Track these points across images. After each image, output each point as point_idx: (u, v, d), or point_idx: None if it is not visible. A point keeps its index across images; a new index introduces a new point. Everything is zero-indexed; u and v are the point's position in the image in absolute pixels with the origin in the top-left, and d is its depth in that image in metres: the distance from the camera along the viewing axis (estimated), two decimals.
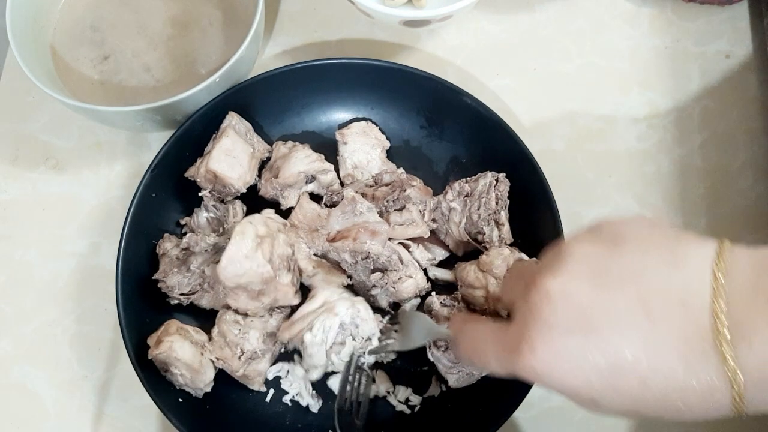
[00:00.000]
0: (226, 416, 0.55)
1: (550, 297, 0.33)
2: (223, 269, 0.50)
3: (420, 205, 0.56)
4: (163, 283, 0.55)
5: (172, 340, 0.52)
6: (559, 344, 0.32)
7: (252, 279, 0.51)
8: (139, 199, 0.55)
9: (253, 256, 0.50)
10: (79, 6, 0.63)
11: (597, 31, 0.66)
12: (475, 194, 0.56)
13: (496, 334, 0.37)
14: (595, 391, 0.32)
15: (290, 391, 0.56)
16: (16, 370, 0.59)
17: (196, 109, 0.57)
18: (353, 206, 0.54)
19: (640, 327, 0.31)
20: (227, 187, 0.56)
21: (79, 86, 0.61)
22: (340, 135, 0.60)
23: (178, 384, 0.53)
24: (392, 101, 0.61)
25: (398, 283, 0.54)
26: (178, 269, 0.55)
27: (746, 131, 0.63)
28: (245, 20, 0.58)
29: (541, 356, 0.33)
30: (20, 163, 0.64)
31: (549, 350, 0.33)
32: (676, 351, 0.30)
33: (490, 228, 0.55)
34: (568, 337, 0.32)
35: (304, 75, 0.59)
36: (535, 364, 0.33)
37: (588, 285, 0.32)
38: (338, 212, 0.55)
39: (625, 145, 0.63)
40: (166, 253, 0.56)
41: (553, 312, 0.33)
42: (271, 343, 0.54)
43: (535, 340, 0.33)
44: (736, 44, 0.65)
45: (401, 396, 0.56)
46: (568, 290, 0.33)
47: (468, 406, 0.54)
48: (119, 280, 0.53)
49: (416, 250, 0.57)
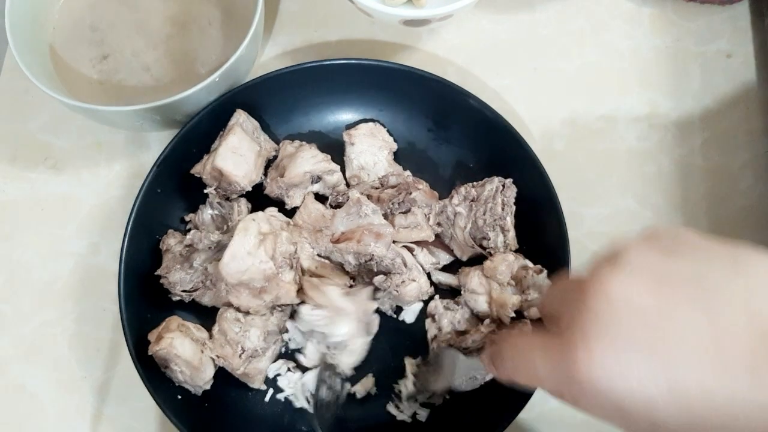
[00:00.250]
0: (224, 415, 0.55)
1: (611, 300, 0.30)
2: (226, 265, 0.50)
3: (425, 209, 0.56)
4: (166, 279, 0.55)
5: (172, 336, 0.51)
6: (621, 353, 0.29)
7: (254, 276, 0.51)
8: (144, 194, 0.55)
9: (255, 253, 0.51)
10: (78, 5, 0.63)
11: (597, 30, 0.66)
12: (481, 199, 0.55)
13: (546, 343, 0.34)
14: (656, 410, 0.29)
15: (286, 389, 0.56)
16: (14, 370, 0.59)
17: (204, 106, 0.57)
18: (358, 208, 0.54)
19: (706, 338, 0.28)
20: (233, 184, 0.56)
21: (78, 86, 0.60)
22: (347, 136, 0.59)
23: (177, 381, 0.53)
24: (400, 103, 0.61)
25: (401, 286, 0.54)
26: (181, 266, 0.55)
27: (747, 131, 0.63)
28: (245, 19, 0.58)
29: (601, 364, 0.30)
30: (19, 163, 0.64)
31: (610, 358, 0.29)
32: (742, 363, 0.28)
33: (495, 234, 0.55)
34: (632, 347, 0.29)
35: (313, 75, 0.59)
36: (593, 373, 0.30)
37: (651, 290, 0.30)
38: (343, 213, 0.54)
39: (626, 144, 0.63)
40: (169, 249, 0.56)
41: (614, 317, 0.30)
42: (272, 341, 0.54)
43: (594, 347, 0.30)
44: (737, 44, 0.65)
45: (408, 411, 0.55)
46: (630, 294, 0.30)
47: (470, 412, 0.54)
48: (121, 275, 0.53)
49: (420, 254, 0.56)
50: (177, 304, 0.56)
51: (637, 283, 0.30)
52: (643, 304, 0.30)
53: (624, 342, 0.29)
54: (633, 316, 0.30)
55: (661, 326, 0.29)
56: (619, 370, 0.29)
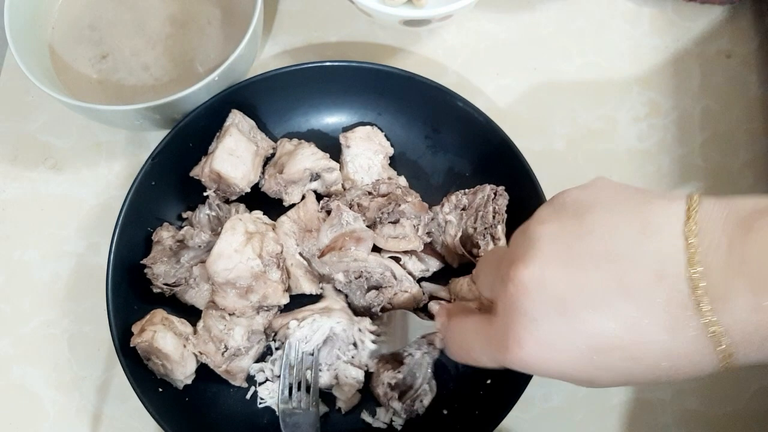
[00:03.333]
0: (204, 410, 0.55)
1: (526, 288, 0.33)
2: (213, 263, 0.51)
3: (414, 220, 0.55)
4: (150, 270, 0.55)
5: (155, 329, 0.52)
6: (542, 334, 0.33)
7: (241, 274, 0.51)
8: (138, 186, 0.55)
9: (243, 251, 0.51)
10: (77, 5, 0.62)
11: (597, 30, 0.66)
12: (473, 207, 0.55)
13: (483, 329, 0.37)
14: (585, 373, 0.33)
15: (267, 400, 0.55)
16: (14, 370, 0.59)
17: (201, 102, 0.56)
18: (339, 217, 0.54)
19: (618, 304, 0.31)
20: (231, 186, 0.56)
21: (78, 85, 0.60)
22: (343, 138, 0.59)
23: (158, 374, 0.53)
24: (400, 108, 0.60)
25: (394, 299, 0.54)
26: (168, 259, 0.55)
27: (747, 131, 0.63)
28: (244, 19, 0.58)
29: (528, 349, 0.33)
30: (19, 162, 0.64)
31: (534, 341, 0.33)
32: (658, 323, 0.30)
33: (485, 242, 0.54)
34: (550, 325, 0.32)
35: (312, 75, 0.59)
36: (524, 357, 0.34)
37: (561, 269, 0.32)
38: (326, 227, 0.55)
39: (626, 144, 0.63)
40: (160, 241, 0.56)
41: (531, 303, 0.33)
42: (255, 340, 0.54)
43: (520, 335, 0.33)
44: (737, 44, 0.65)
45: (385, 418, 0.55)
46: (543, 278, 0.33)
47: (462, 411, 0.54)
48: (110, 265, 0.53)
49: (409, 262, 0.56)
50: (166, 298, 0.56)
51: (548, 265, 0.33)
52: (556, 285, 0.32)
53: (542, 323, 0.33)
54: (548, 298, 0.32)
55: (574, 299, 0.32)
56: (548, 354, 0.33)
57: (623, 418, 0.57)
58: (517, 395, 0.51)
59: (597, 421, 0.57)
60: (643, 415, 0.57)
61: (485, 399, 0.54)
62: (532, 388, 0.51)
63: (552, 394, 0.57)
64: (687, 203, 0.31)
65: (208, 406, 0.55)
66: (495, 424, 0.51)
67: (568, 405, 0.57)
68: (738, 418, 0.57)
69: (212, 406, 0.55)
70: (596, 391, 0.57)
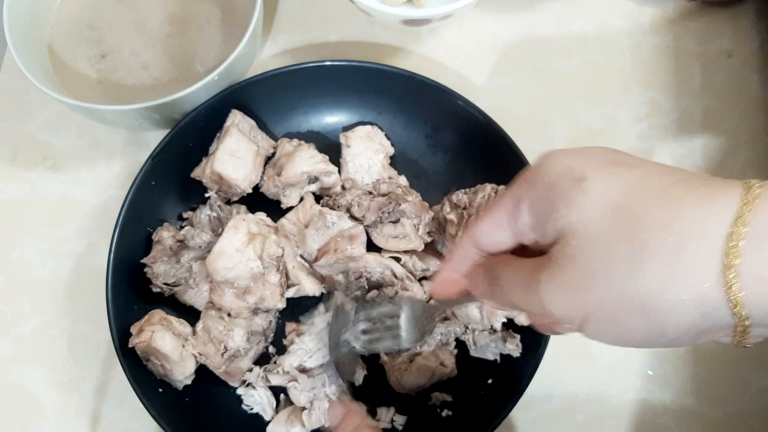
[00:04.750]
0: (204, 411, 0.55)
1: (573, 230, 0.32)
2: (213, 261, 0.51)
3: (415, 219, 0.55)
4: (150, 269, 0.55)
5: (153, 330, 0.52)
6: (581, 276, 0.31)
7: (240, 274, 0.51)
8: (138, 185, 0.55)
9: (244, 251, 0.51)
10: (76, 4, 0.62)
11: (598, 30, 0.66)
12: (473, 206, 0.55)
13: (515, 262, 0.36)
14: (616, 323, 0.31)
15: (254, 407, 0.55)
16: (14, 370, 0.59)
17: (201, 102, 0.56)
18: (323, 220, 0.54)
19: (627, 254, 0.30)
20: (233, 187, 0.56)
21: (77, 85, 0.60)
22: (343, 138, 0.59)
23: (158, 374, 0.53)
24: (400, 108, 0.60)
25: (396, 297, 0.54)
26: (168, 259, 0.55)
27: (748, 131, 0.63)
28: (243, 18, 0.58)
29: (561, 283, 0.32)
30: (18, 162, 0.64)
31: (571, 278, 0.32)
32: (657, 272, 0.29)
33: None
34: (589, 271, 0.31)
35: (312, 75, 0.58)
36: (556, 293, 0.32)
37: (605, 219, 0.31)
38: (312, 231, 0.54)
39: (626, 144, 0.63)
40: (161, 241, 0.56)
41: (576, 247, 0.32)
42: (255, 341, 0.54)
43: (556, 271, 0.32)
44: (738, 43, 0.65)
45: (386, 418, 0.55)
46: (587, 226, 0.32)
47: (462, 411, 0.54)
48: (110, 264, 0.53)
49: (409, 261, 0.56)
50: (165, 298, 0.56)
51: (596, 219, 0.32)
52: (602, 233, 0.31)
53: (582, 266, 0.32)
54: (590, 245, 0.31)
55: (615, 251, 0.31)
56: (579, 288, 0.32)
57: (623, 419, 0.57)
58: (517, 395, 0.51)
59: (597, 421, 0.57)
60: (643, 416, 0.57)
61: (485, 399, 0.54)
62: (532, 389, 0.51)
63: (552, 395, 0.57)
64: (743, 194, 0.31)
65: (208, 406, 0.55)
66: (495, 424, 0.51)
67: (568, 406, 0.57)
68: (738, 419, 0.57)
69: (212, 408, 0.55)
70: (596, 392, 0.57)
